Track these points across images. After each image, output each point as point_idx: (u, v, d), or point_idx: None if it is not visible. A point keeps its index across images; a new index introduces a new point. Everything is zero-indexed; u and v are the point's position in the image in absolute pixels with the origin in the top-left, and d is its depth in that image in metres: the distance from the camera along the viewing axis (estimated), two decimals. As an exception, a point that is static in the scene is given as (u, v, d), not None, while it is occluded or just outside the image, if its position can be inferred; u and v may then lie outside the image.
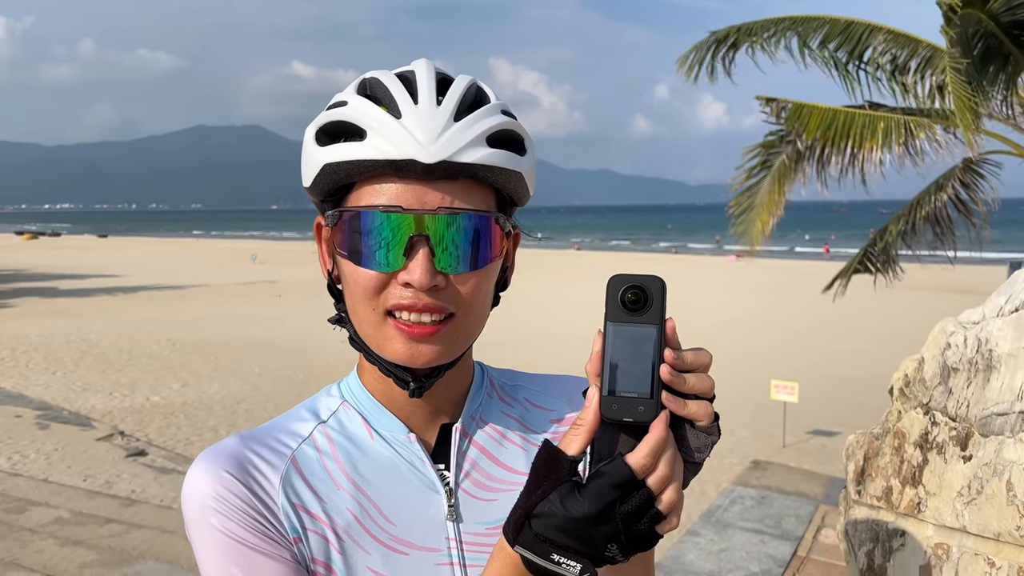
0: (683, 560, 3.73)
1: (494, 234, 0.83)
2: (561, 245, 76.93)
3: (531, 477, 0.70)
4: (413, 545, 0.83)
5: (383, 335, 0.81)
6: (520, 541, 0.68)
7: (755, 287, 31.92)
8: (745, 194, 7.75)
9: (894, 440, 1.65)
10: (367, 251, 0.79)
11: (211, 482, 0.79)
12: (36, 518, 6.54)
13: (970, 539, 1.45)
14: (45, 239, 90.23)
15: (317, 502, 0.83)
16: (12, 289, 32.71)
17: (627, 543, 0.67)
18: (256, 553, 0.78)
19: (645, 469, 0.67)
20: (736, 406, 13.13)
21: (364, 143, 0.78)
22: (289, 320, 22.31)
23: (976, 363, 1.51)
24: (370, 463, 0.86)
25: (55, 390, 13.63)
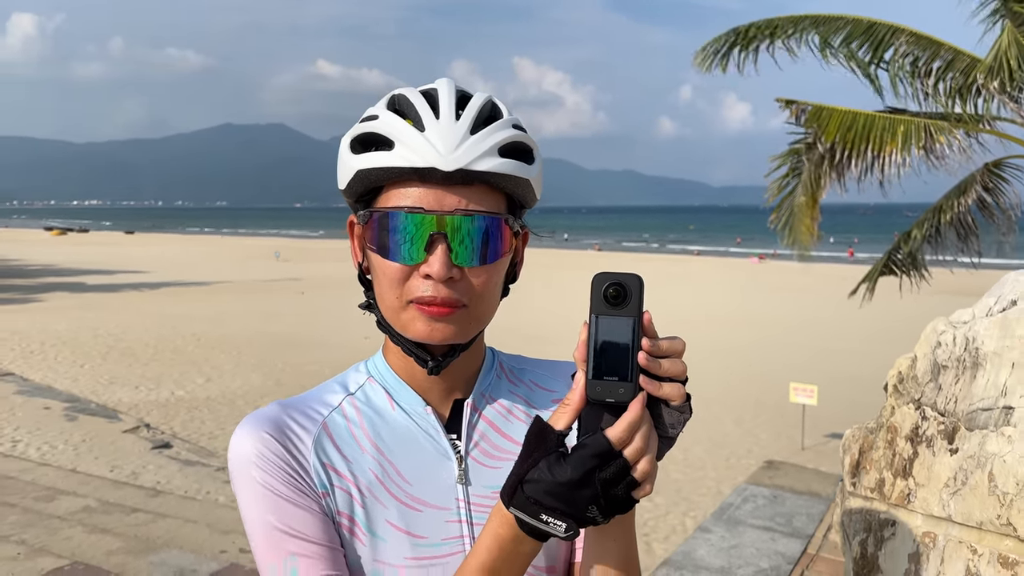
0: (694, 556, 3.79)
1: (504, 233, 0.93)
2: (583, 246, 76.92)
3: (524, 448, 0.80)
4: (427, 503, 0.94)
5: (406, 317, 0.92)
6: (514, 503, 0.79)
7: (778, 289, 31.78)
8: (784, 203, 7.77)
9: (887, 434, 1.71)
10: (393, 246, 0.90)
11: (253, 442, 0.91)
12: (64, 506, 6.72)
13: (955, 528, 1.52)
14: (73, 235, 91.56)
15: (344, 462, 0.94)
16: (41, 284, 33.30)
17: (606, 506, 0.76)
18: (289, 504, 0.89)
19: (622, 442, 0.76)
20: (755, 408, 13.14)
21: (392, 152, 0.89)
22: (311, 317, 22.54)
23: (964, 361, 1.58)
24: (391, 431, 0.97)
25: (83, 383, 13.89)
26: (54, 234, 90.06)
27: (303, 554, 0.88)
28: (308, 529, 0.89)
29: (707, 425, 12.32)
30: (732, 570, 3.65)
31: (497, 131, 0.91)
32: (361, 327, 1.12)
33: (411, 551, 0.92)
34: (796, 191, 7.46)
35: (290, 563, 0.87)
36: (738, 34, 7.34)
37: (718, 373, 16.11)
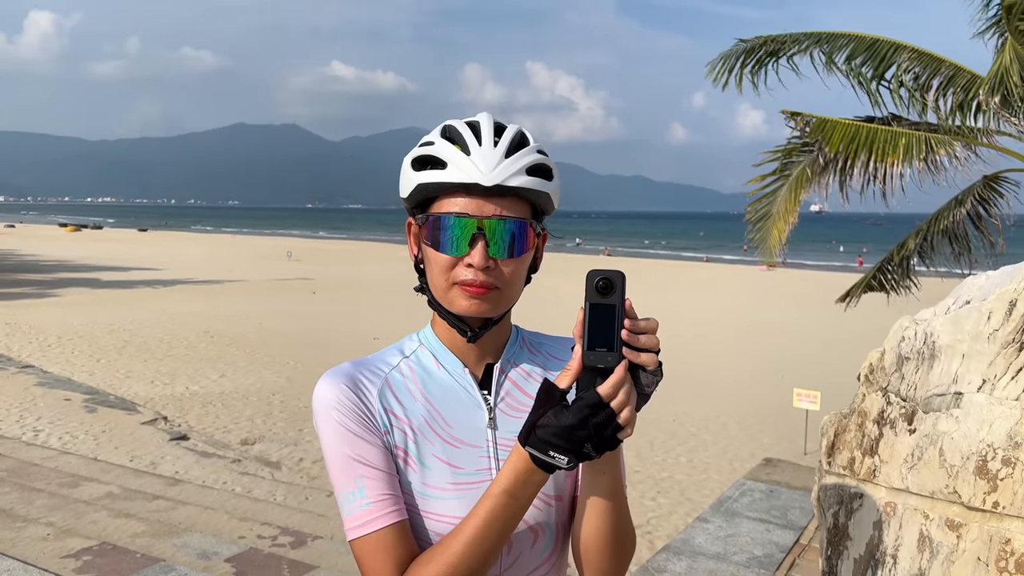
0: (692, 543, 4.01)
1: (528, 234, 1.20)
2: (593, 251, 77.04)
3: (536, 401, 1.06)
4: (464, 442, 1.21)
5: (452, 296, 1.18)
6: (528, 443, 1.05)
7: (784, 296, 31.87)
8: (763, 200, 7.91)
9: (858, 418, 1.93)
10: (444, 242, 1.16)
11: (334, 391, 1.17)
12: (89, 492, 6.98)
13: (912, 498, 1.73)
14: (87, 231, 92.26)
15: (401, 408, 1.21)
16: (57, 279, 33.70)
17: (597, 444, 1.02)
18: (359, 439, 1.16)
19: (609, 396, 1.02)
20: (759, 413, 13.31)
21: (445, 171, 1.16)
22: (322, 316, 22.81)
23: (923, 353, 1.79)
24: (437, 386, 1.24)
25: (99, 376, 14.18)
26: (68, 230, 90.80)
27: (368, 476, 1.14)
28: (373, 458, 1.15)
29: (712, 430, 12.52)
30: (728, 556, 3.86)
31: (525, 155, 1.18)
32: (371, 327, 1.37)
33: (451, 478, 1.18)
34: (778, 193, 7.62)
35: (358, 483, 1.14)
36: (747, 51, 7.52)
37: (724, 379, 16.29)
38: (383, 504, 1.13)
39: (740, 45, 7.69)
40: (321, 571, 5.17)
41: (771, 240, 7.82)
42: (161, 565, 5.03)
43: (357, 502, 1.13)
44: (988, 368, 1.63)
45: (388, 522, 1.12)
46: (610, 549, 1.17)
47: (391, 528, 1.12)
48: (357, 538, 1.13)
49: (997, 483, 1.56)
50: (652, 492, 9.54)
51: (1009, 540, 1.52)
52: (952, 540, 1.61)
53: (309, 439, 10.62)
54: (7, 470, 7.61)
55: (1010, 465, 1.54)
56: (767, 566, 3.78)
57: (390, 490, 1.14)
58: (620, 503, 1.17)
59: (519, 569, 1.20)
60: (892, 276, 8.03)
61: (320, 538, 5.98)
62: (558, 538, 1.24)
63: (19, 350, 16.46)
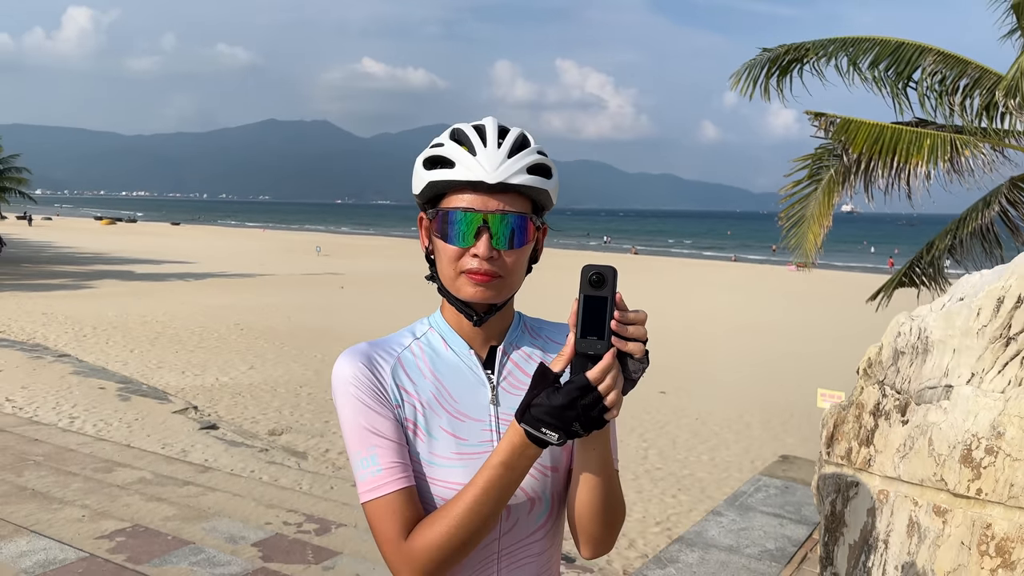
0: (705, 535, 4.09)
1: (528, 227, 1.31)
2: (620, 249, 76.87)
3: (531, 383, 1.17)
4: (468, 416, 1.33)
5: (459, 283, 1.30)
6: (523, 420, 1.16)
7: (812, 297, 31.63)
8: (796, 206, 7.92)
9: (855, 410, 2.01)
10: (452, 234, 1.27)
11: (351, 368, 1.30)
12: (122, 477, 7.19)
13: (903, 486, 1.81)
14: (122, 225, 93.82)
15: (411, 384, 1.33)
16: (93, 271, 34.38)
17: (585, 423, 1.13)
18: (373, 412, 1.28)
19: (597, 380, 1.12)
20: (783, 413, 13.29)
21: (454, 170, 1.28)
22: (350, 310, 23.06)
23: (917, 347, 1.87)
24: (445, 365, 1.36)
25: (132, 366, 14.50)
26: (104, 223, 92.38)
27: (380, 445, 1.26)
28: (384, 429, 1.27)
29: (735, 429, 12.52)
30: (740, 548, 3.93)
31: (526, 156, 1.29)
32: (397, 321, 1.51)
33: (456, 448, 1.30)
34: (811, 197, 7.62)
35: (371, 451, 1.26)
36: (771, 60, 7.54)
37: (748, 379, 16.26)
38: (393, 471, 1.25)
39: (764, 54, 7.71)
40: (344, 557, 5.31)
41: (807, 244, 7.84)
42: (191, 547, 5.20)
43: (370, 468, 1.25)
44: (977, 362, 1.70)
45: (397, 487, 1.24)
46: (600, 517, 1.29)
47: (400, 493, 1.24)
48: (369, 501, 1.25)
49: (980, 471, 1.63)
50: (673, 489, 9.59)
51: (990, 525, 1.60)
52: (938, 525, 1.69)
53: (335, 431, 10.80)
54: (44, 455, 7.86)
55: (993, 454, 1.61)
56: (779, 559, 3.85)
57: (399, 459, 1.26)
58: (609, 476, 1.27)
59: (517, 533, 1.32)
60: (923, 273, 8.01)
61: (344, 526, 6.12)
62: (553, 507, 1.35)
63: (55, 340, 16.87)
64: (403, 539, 1.22)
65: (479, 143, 1.29)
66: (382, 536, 1.23)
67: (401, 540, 1.22)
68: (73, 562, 4.78)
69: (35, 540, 5.15)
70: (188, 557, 5.03)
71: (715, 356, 18.69)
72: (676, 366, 17.14)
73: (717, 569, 3.71)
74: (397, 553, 1.21)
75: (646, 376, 1.24)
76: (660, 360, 17.51)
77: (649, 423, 12.50)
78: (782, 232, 8.31)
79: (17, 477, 6.86)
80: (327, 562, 5.18)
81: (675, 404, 13.89)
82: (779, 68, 7.49)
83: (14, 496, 6.27)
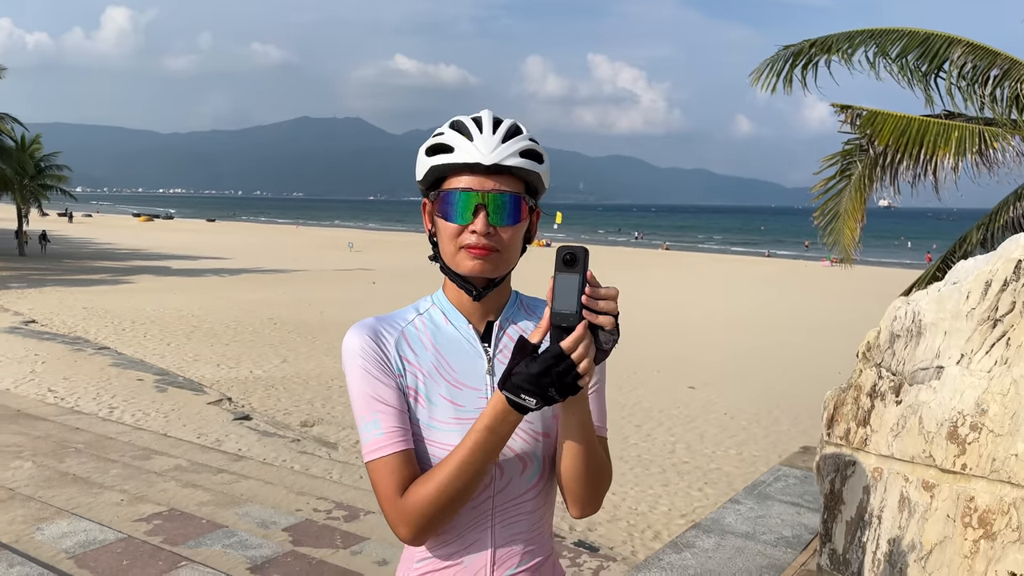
0: (722, 522, 4.15)
1: (522, 206, 1.42)
2: (651, 245, 76.57)
3: (512, 353, 1.28)
4: (465, 385, 1.44)
5: (459, 258, 1.40)
6: (504, 387, 1.27)
7: (846, 293, 31.26)
8: (829, 203, 7.88)
9: (854, 392, 2.08)
10: (452, 212, 1.38)
11: (359, 340, 1.43)
12: (159, 465, 7.42)
13: (896, 463, 1.88)
14: (159, 221, 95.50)
15: (414, 356, 1.44)
16: (130, 267, 35.09)
17: (560, 389, 1.23)
18: (378, 381, 1.40)
19: (570, 350, 1.22)
20: (811, 409, 13.20)
21: (453, 154, 1.39)
22: (382, 306, 23.17)
23: (911, 331, 1.93)
24: (445, 338, 1.47)
25: (169, 359, 14.85)
26: (141, 220, 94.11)
27: (382, 411, 1.38)
28: (387, 397, 1.39)
29: (763, 424, 12.50)
30: (756, 535, 3.99)
31: (518, 141, 1.41)
32: None
33: (454, 413, 1.41)
34: (843, 193, 7.57)
35: (374, 416, 1.38)
36: (795, 55, 7.52)
37: (779, 374, 16.19)
38: (393, 435, 1.37)
39: (785, 51, 7.70)
40: (372, 542, 5.45)
41: (844, 240, 7.78)
42: (224, 531, 5.38)
43: (373, 431, 1.38)
44: (966, 343, 1.76)
45: (396, 449, 1.36)
46: (583, 480, 1.40)
47: (398, 455, 1.36)
48: (370, 460, 1.37)
49: (965, 447, 1.69)
50: (699, 483, 9.63)
51: (973, 498, 1.66)
52: (927, 500, 1.75)
53: (365, 422, 10.98)
54: (85, 443, 8.12)
55: (977, 430, 1.67)
56: (795, 546, 3.90)
57: (400, 424, 1.38)
58: (590, 442, 1.38)
59: (510, 492, 1.43)
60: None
61: (372, 513, 6.27)
62: (544, 468, 1.46)
63: (95, 333, 17.31)
64: (399, 496, 1.34)
65: (475, 130, 1.40)
66: (381, 493, 1.36)
67: (397, 497, 1.34)
68: (112, 542, 4.98)
69: (76, 522, 5.36)
70: (221, 540, 5.20)
71: (746, 351, 18.61)
72: (706, 361, 17.12)
73: (732, 555, 3.77)
74: (393, 509, 1.34)
75: (676, 371, 1.35)
76: (689, 355, 17.52)
77: (677, 417, 12.53)
78: (818, 230, 8.26)
79: (59, 463, 7.11)
80: (355, 547, 5.32)
81: (704, 399, 13.89)
82: (805, 59, 7.46)
83: (56, 481, 6.51)
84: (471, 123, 1.42)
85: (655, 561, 3.69)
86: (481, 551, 1.42)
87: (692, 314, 24.41)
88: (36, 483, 6.41)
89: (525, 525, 1.44)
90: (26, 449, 7.55)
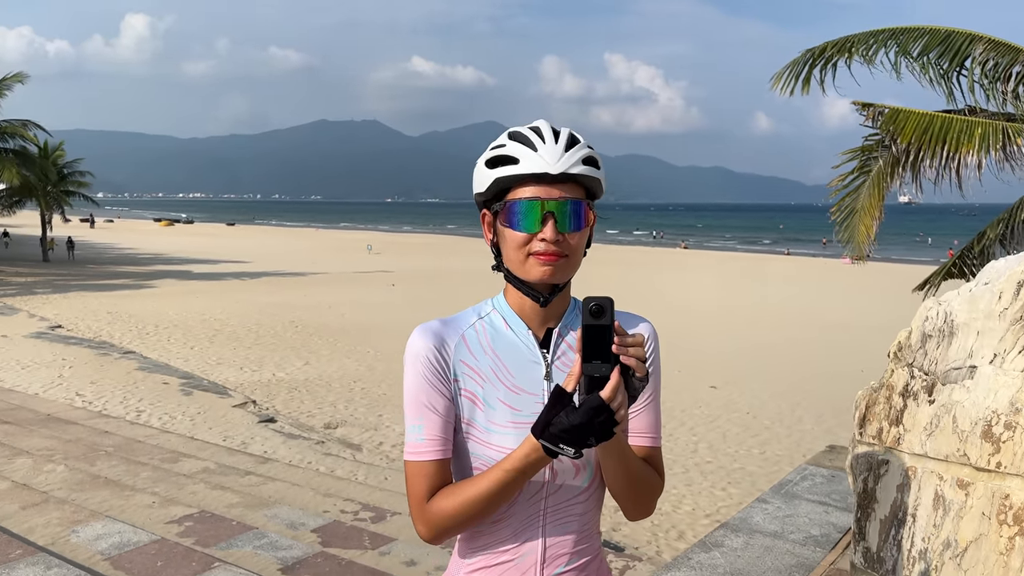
0: (750, 521, 4.16)
1: (586, 212, 1.46)
2: (671, 244, 76.33)
3: (548, 402, 1.30)
4: (523, 390, 1.47)
5: (528, 266, 1.44)
6: (542, 436, 1.29)
7: (867, 290, 31.03)
8: (846, 199, 7.87)
9: (886, 392, 2.10)
10: (520, 222, 1.42)
11: (422, 344, 1.47)
12: (188, 467, 7.52)
13: (930, 462, 1.90)
14: (179, 226, 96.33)
15: (473, 360, 1.49)
16: (153, 271, 35.46)
17: (599, 437, 1.26)
18: (431, 387, 1.45)
19: (610, 400, 1.25)
20: (835, 408, 13.14)
21: (518, 165, 1.43)
22: (402, 307, 23.42)
23: (944, 331, 1.95)
24: (504, 343, 1.51)
25: (193, 363, 15.01)
26: (162, 225, 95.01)
27: (428, 418, 1.44)
28: (437, 405, 1.45)
29: (787, 424, 12.46)
30: (784, 534, 4.00)
31: (580, 150, 1.45)
32: None
33: (512, 417, 1.45)
34: (861, 189, 7.55)
35: (420, 420, 1.44)
36: (815, 56, 7.52)
37: (801, 372, 16.11)
38: (434, 442, 1.44)
39: (807, 54, 7.70)
40: (399, 543, 5.50)
41: (859, 236, 7.76)
42: (254, 532, 5.45)
43: (416, 435, 1.44)
44: (999, 343, 1.78)
45: (432, 457, 1.43)
46: (629, 495, 1.47)
47: (433, 462, 1.43)
48: (408, 460, 1.45)
49: (1000, 445, 1.71)
50: (723, 483, 9.62)
51: (1008, 495, 1.68)
52: (961, 498, 1.77)
53: (388, 424, 11.07)
54: (114, 446, 8.25)
55: (1011, 429, 1.69)
56: (823, 545, 3.91)
57: (442, 433, 1.44)
58: (627, 467, 1.43)
59: (562, 495, 1.47)
60: (972, 263, 7.89)
61: (399, 514, 6.33)
62: (596, 473, 1.50)
63: (120, 337, 17.53)
64: (425, 500, 1.42)
65: (538, 140, 1.44)
66: (411, 492, 1.44)
67: (424, 501, 1.42)
68: (146, 544, 5.06)
69: (110, 524, 5.45)
70: (252, 541, 5.27)
71: (766, 350, 18.54)
72: (727, 360, 17.08)
73: (761, 553, 3.79)
74: (418, 510, 1.42)
75: (697, 371, 1.39)
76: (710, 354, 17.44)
77: (699, 417, 12.51)
78: (834, 226, 8.24)
79: (90, 466, 7.23)
80: (383, 548, 5.37)
81: (726, 398, 13.86)
82: (824, 59, 7.45)
83: (88, 484, 6.62)
84: (532, 133, 1.46)
85: (684, 560, 3.71)
86: (532, 550, 1.46)
87: (711, 313, 24.34)
88: (69, 486, 6.52)
89: (576, 526, 1.49)
90: (57, 453, 7.67)
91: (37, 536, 5.18)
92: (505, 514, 1.45)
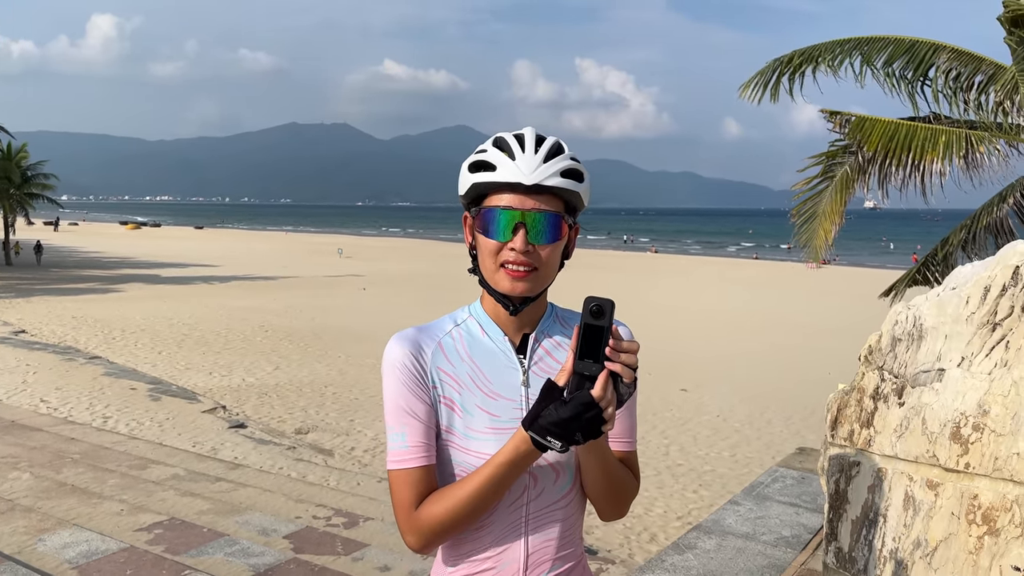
0: (722, 523, 4.21)
1: (561, 225, 1.46)
2: (641, 248, 76.80)
3: (539, 396, 1.31)
4: (501, 395, 1.48)
5: (498, 277, 1.45)
6: (531, 428, 1.31)
7: (833, 294, 31.50)
8: (808, 203, 7.99)
9: (857, 395, 2.14)
10: (492, 229, 1.42)
11: (399, 352, 1.47)
12: (156, 474, 7.42)
13: (900, 463, 1.94)
14: (147, 229, 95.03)
15: (450, 367, 1.49)
16: (119, 275, 34.92)
17: (586, 434, 1.28)
18: (411, 394, 1.45)
19: (599, 398, 1.27)
20: (803, 410, 13.33)
21: (496, 173, 1.43)
22: (372, 312, 23.32)
23: (913, 334, 2.00)
24: (481, 349, 1.51)
25: (161, 368, 14.82)
26: (129, 228, 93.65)
27: (411, 425, 1.44)
28: (418, 411, 1.45)
29: (756, 426, 12.59)
30: (756, 536, 4.06)
31: (560, 161, 1.45)
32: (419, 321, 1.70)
33: (490, 423, 1.46)
34: (824, 194, 7.68)
35: (403, 428, 1.44)
36: (782, 64, 7.63)
37: (770, 375, 16.30)
38: (417, 449, 1.43)
39: (775, 63, 7.81)
40: (372, 548, 5.48)
41: (817, 240, 7.88)
42: (226, 539, 5.39)
43: (400, 442, 1.44)
44: (966, 347, 1.83)
45: (417, 464, 1.42)
46: (606, 497, 1.49)
47: (419, 469, 1.42)
48: (393, 470, 1.44)
49: (968, 446, 1.76)
50: (694, 485, 9.70)
51: (976, 496, 1.72)
52: (931, 498, 1.82)
53: (360, 429, 11.01)
54: (81, 453, 8.12)
55: (979, 430, 1.74)
56: (794, 546, 3.97)
57: (425, 439, 1.44)
58: (607, 470, 1.45)
59: (543, 500, 1.48)
60: (935, 270, 8.04)
61: (371, 519, 6.30)
62: (577, 478, 1.51)
63: (86, 342, 17.25)
64: (414, 508, 1.41)
65: (518, 149, 1.44)
66: (397, 502, 1.43)
67: (412, 509, 1.41)
68: (115, 552, 4.99)
69: (77, 532, 5.37)
70: (223, 548, 5.22)
71: (736, 353, 18.73)
72: (696, 364, 17.22)
73: (734, 555, 3.83)
74: (406, 519, 1.41)
75: (667, 374, 1.41)
76: (680, 358, 17.58)
77: (670, 420, 12.60)
78: (794, 229, 8.35)
79: (56, 474, 7.11)
80: (356, 553, 5.35)
81: (696, 401, 13.98)
82: (792, 68, 7.56)
83: (55, 492, 6.51)
84: (514, 141, 1.46)
85: (658, 563, 3.75)
86: (515, 556, 1.47)
87: (681, 316, 24.54)
88: (35, 494, 6.40)
89: (558, 531, 1.49)
90: (23, 460, 7.53)
91: (3, 545, 5.08)
92: (487, 521, 1.45)
